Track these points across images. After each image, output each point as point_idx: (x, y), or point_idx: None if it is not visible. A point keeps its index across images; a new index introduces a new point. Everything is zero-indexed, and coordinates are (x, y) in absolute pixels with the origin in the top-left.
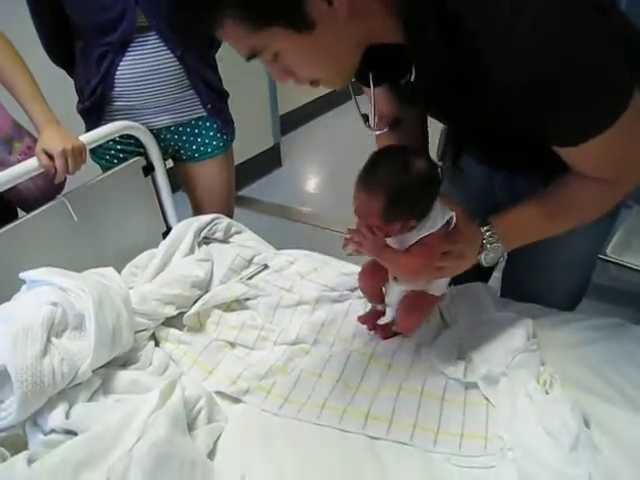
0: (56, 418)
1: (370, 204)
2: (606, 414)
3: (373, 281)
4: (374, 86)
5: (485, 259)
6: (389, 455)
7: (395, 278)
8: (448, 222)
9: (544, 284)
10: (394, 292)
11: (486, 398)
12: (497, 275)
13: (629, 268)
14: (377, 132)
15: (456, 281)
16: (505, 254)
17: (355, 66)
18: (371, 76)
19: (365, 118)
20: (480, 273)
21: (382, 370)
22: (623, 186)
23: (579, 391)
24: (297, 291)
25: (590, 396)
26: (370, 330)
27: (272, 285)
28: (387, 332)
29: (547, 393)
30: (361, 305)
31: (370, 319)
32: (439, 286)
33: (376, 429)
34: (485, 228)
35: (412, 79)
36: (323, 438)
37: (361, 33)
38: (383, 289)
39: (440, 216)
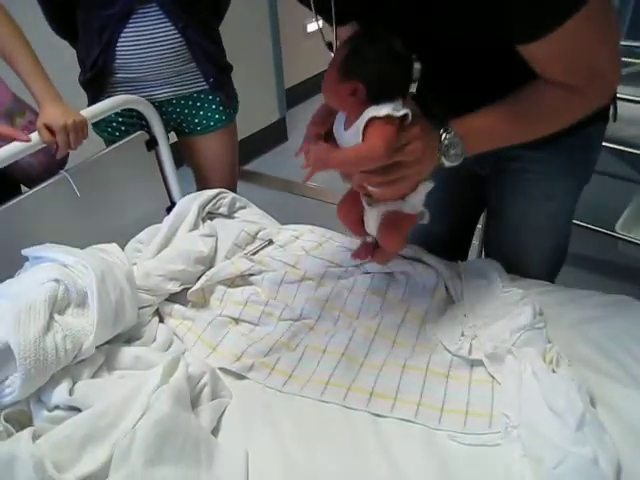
0: (60, 394)
1: (332, 65)
2: (612, 393)
3: (350, 212)
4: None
5: (446, 158)
6: (393, 432)
7: (369, 202)
8: (403, 118)
9: (522, 248)
10: (371, 218)
11: (491, 376)
12: (476, 243)
13: (637, 244)
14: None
15: (431, 245)
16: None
17: None
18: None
19: (329, 46)
20: (460, 240)
21: (387, 345)
22: (590, 96)
23: (585, 370)
24: (302, 267)
25: (596, 375)
26: (363, 259)
27: (277, 260)
28: (382, 256)
29: (553, 371)
30: (366, 280)
31: (362, 252)
32: (413, 203)
33: (380, 406)
34: (444, 129)
35: None
36: (327, 415)
37: None
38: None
39: (395, 107)
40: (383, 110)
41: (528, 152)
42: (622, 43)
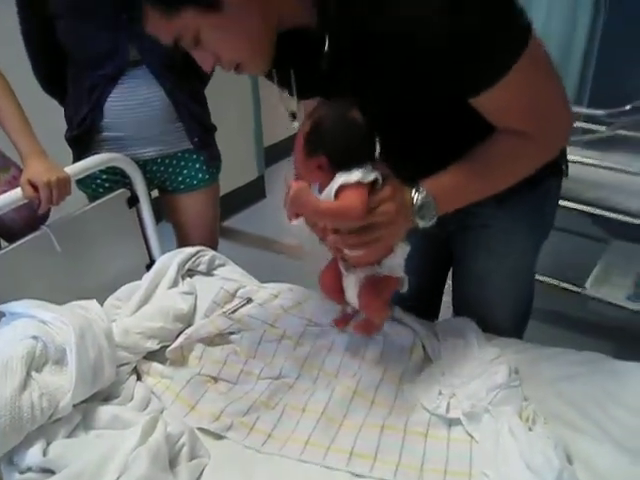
0: (34, 455)
1: (297, 139)
2: (589, 450)
3: (331, 281)
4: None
5: (420, 219)
6: None
7: (346, 267)
8: (374, 182)
9: (486, 302)
10: (350, 285)
11: (470, 434)
12: (447, 299)
13: (607, 302)
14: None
15: (403, 302)
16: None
17: (270, 51)
18: (292, 72)
19: (292, 116)
20: (431, 297)
21: (366, 405)
22: (546, 140)
23: (561, 427)
24: (281, 325)
25: (572, 432)
26: (341, 327)
27: (255, 319)
28: (364, 327)
29: (530, 429)
30: (345, 339)
31: (341, 320)
32: (391, 266)
33: (360, 466)
34: (415, 189)
35: (325, 54)
36: (307, 474)
37: (270, 13)
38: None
39: (363, 173)
40: (353, 176)
41: (486, 209)
42: (584, 111)
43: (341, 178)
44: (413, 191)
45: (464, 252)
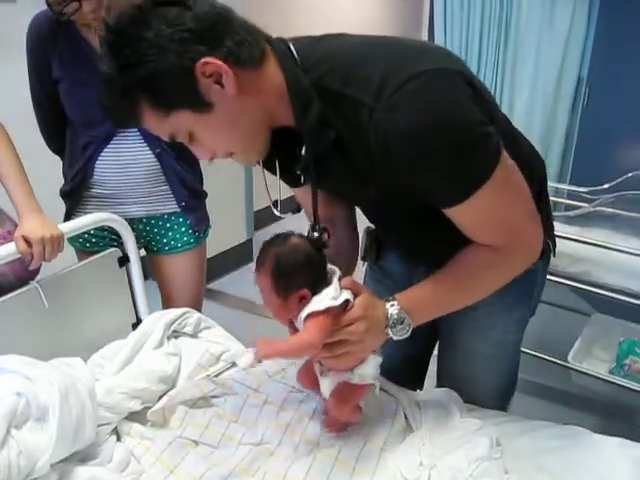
0: None
1: (264, 283)
2: None
3: (308, 375)
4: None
5: (394, 333)
6: None
7: (321, 370)
8: (346, 302)
9: (472, 376)
10: (324, 385)
11: None
12: (432, 368)
13: (589, 375)
14: (282, 216)
15: (389, 370)
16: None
17: (263, 144)
18: (277, 163)
19: (274, 204)
20: (417, 366)
21: (347, 474)
22: (516, 256)
23: None
24: (264, 390)
25: None
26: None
27: (239, 384)
28: (334, 425)
29: None
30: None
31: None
32: (361, 375)
33: None
34: (390, 304)
35: (302, 153)
36: None
37: (257, 110)
38: None
39: (332, 296)
40: (322, 304)
41: None
42: (567, 188)
43: (309, 307)
44: (388, 305)
45: (450, 325)
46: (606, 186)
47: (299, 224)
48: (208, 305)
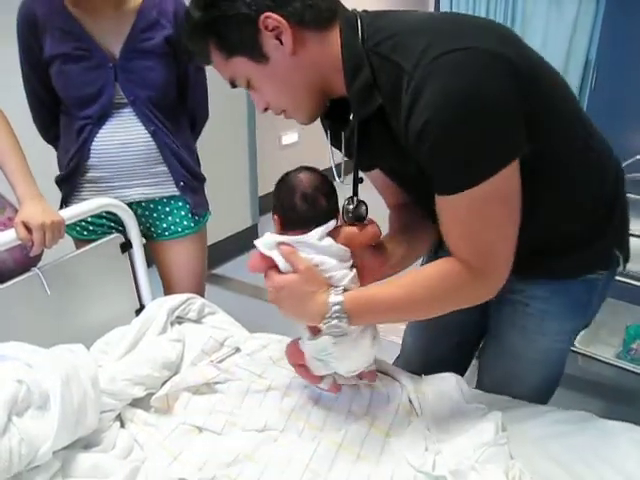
0: None
1: None
2: None
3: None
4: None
5: (325, 327)
6: None
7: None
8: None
9: (513, 377)
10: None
11: None
12: (475, 363)
13: (597, 359)
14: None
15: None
16: None
17: (316, 107)
18: (329, 132)
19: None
20: (460, 357)
21: (351, 460)
22: (477, 281)
23: None
24: (268, 376)
25: None
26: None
27: (243, 369)
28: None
29: None
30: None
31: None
32: (307, 349)
33: None
34: (334, 295)
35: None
36: None
37: (311, 73)
38: None
39: (297, 240)
40: (260, 246)
41: (532, 287)
42: None
43: (259, 242)
44: (332, 295)
45: (498, 324)
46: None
47: None
48: (213, 290)
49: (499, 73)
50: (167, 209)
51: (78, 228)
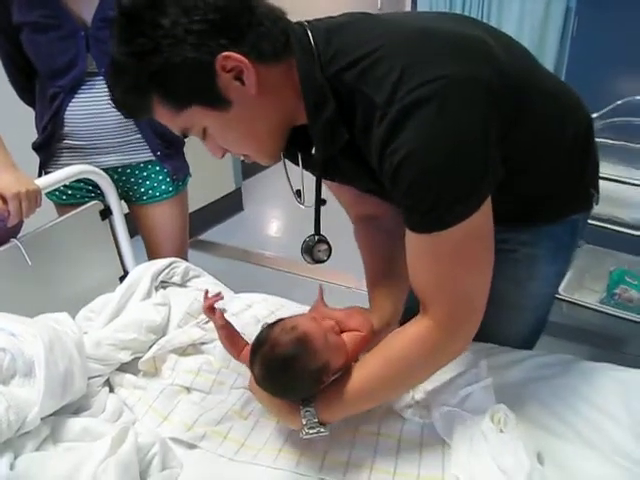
0: (0, 469)
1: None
2: (559, 450)
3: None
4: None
5: (307, 436)
6: None
7: None
8: None
9: (501, 324)
10: None
11: (443, 439)
12: None
13: (581, 306)
14: (307, 206)
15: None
16: None
17: (280, 145)
18: (300, 157)
19: (297, 194)
20: None
21: None
22: (460, 325)
23: (533, 428)
24: (254, 335)
25: (543, 433)
26: None
27: None
28: None
29: (501, 431)
30: None
31: None
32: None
33: (333, 473)
34: (305, 412)
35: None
36: None
37: (276, 112)
38: None
39: None
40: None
41: (517, 235)
42: None
43: None
44: (302, 413)
45: None
46: (595, 115)
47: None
48: (199, 256)
49: (475, 104)
50: (145, 174)
51: (57, 193)
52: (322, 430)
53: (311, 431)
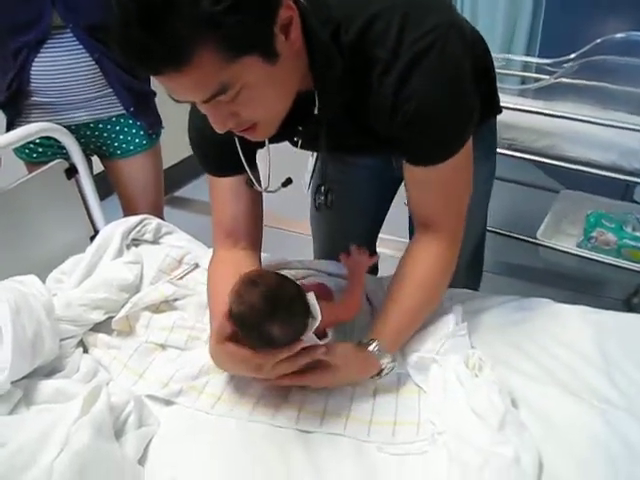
0: None
1: None
2: (532, 392)
3: None
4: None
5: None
6: (322, 446)
7: None
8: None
9: None
10: None
11: (418, 385)
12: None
13: (557, 250)
14: (270, 191)
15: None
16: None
17: (284, 114)
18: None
19: (250, 182)
20: (372, 236)
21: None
22: (457, 238)
23: (508, 372)
24: None
25: (518, 376)
26: None
27: (202, 284)
28: None
29: (476, 376)
30: None
31: None
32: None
33: (309, 423)
34: (372, 346)
35: (316, 112)
36: (256, 434)
37: (297, 72)
38: None
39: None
40: None
41: None
42: (533, 60)
43: None
44: (374, 345)
45: None
46: (572, 56)
47: None
48: (174, 213)
49: (463, 47)
50: (117, 128)
51: (27, 151)
52: (394, 360)
53: (389, 367)
